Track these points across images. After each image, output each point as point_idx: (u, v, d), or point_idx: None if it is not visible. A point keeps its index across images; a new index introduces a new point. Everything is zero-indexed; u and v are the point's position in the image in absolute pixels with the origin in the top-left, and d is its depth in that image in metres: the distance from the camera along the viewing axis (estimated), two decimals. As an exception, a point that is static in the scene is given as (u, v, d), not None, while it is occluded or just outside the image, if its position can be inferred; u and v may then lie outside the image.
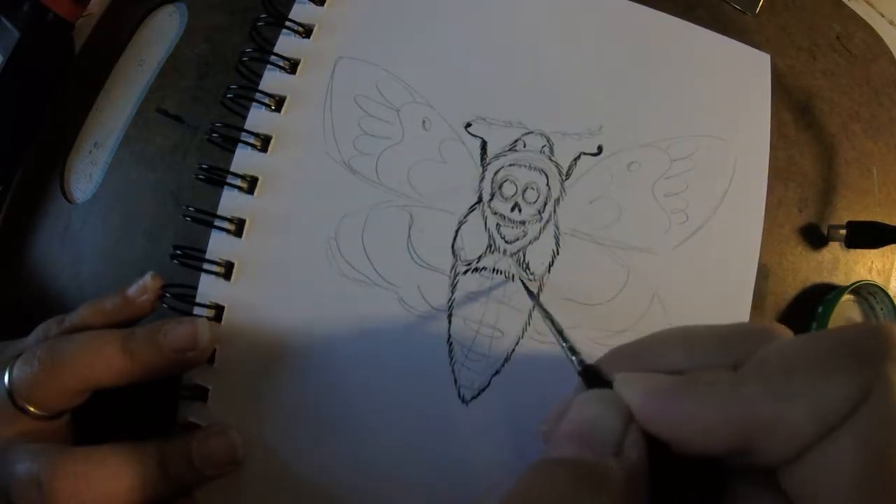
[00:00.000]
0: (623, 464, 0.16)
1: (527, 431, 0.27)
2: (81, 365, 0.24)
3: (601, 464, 0.16)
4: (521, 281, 0.28)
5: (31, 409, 0.23)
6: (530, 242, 0.29)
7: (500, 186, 0.29)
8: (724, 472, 0.16)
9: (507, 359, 0.28)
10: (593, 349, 0.28)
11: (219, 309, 0.27)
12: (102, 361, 0.24)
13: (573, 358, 0.20)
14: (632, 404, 0.17)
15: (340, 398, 0.27)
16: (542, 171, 0.29)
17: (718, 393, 0.16)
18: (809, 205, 0.33)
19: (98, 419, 0.26)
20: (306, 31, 0.30)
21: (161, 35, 0.33)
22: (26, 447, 0.23)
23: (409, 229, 0.28)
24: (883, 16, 0.38)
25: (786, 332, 0.17)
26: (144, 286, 0.27)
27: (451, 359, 0.28)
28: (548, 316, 0.24)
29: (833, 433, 0.14)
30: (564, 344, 0.21)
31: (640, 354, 0.19)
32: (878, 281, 0.33)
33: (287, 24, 0.30)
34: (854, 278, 0.33)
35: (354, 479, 0.27)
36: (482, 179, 0.29)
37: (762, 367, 0.16)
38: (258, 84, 0.30)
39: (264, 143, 0.29)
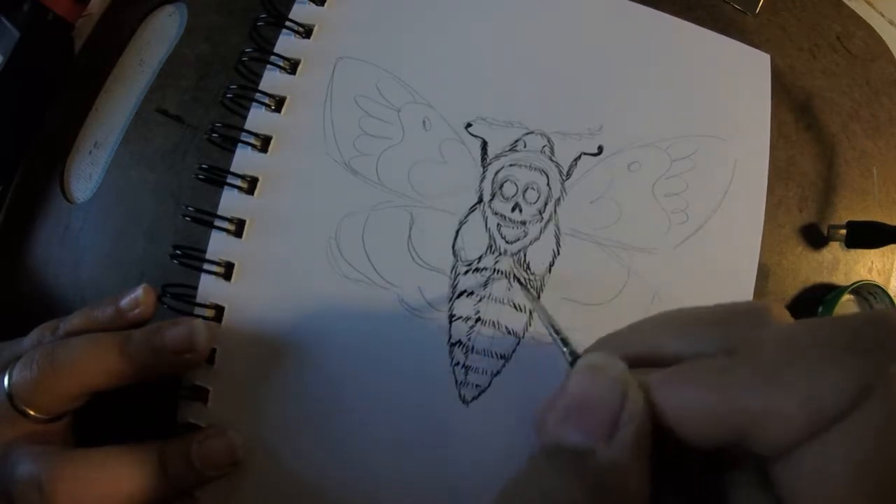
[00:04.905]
0: (616, 448, 0.15)
1: (527, 432, 0.27)
2: (80, 369, 0.24)
3: (590, 452, 0.15)
4: (514, 271, 0.28)
5: (31, 412, 0.23)
6: (531, 243, 0.29)
7: (501, 186, 0.29)
8: (721, 469, 0.16)
9: (507, 359, 0.28)
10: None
11: (219, 309, 0.27)
12: (101, 366, 0.24)
13: (564, 349, 0.20)
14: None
15: (340, 399, 0.27)
16: (542, 171, 0.29)
17: (709, 380, 0.15)
18: (809, 205, 0.33)
19: (98, 420, 0.26)
20: (306, 31, 0.30)
21: (161, 35, 0.33)
22: (27, 450, 0.23)
23: (410, 229, 0.28)
24: (883, 16, 0.38)
25: (782, 313, 0.16)
26: (136, 300, 0.26)
27: (452, 359, 0.27)
28: (539, 307, 0.25)
29: (827, 431, 0.13)
30: (557, 336, 0.21)
31: (631, 342, 0.18)
32: (878, 281, 0.33)
33: (287, 24, 0.30)
34: (854, 278, 0.33)
35: (354, 480, 0.27)
36: (483, 179, 0.29)
37: (755, 353, 0.14)
38: (258, 84, 0.30)
39: (264, 143, 0.29)
